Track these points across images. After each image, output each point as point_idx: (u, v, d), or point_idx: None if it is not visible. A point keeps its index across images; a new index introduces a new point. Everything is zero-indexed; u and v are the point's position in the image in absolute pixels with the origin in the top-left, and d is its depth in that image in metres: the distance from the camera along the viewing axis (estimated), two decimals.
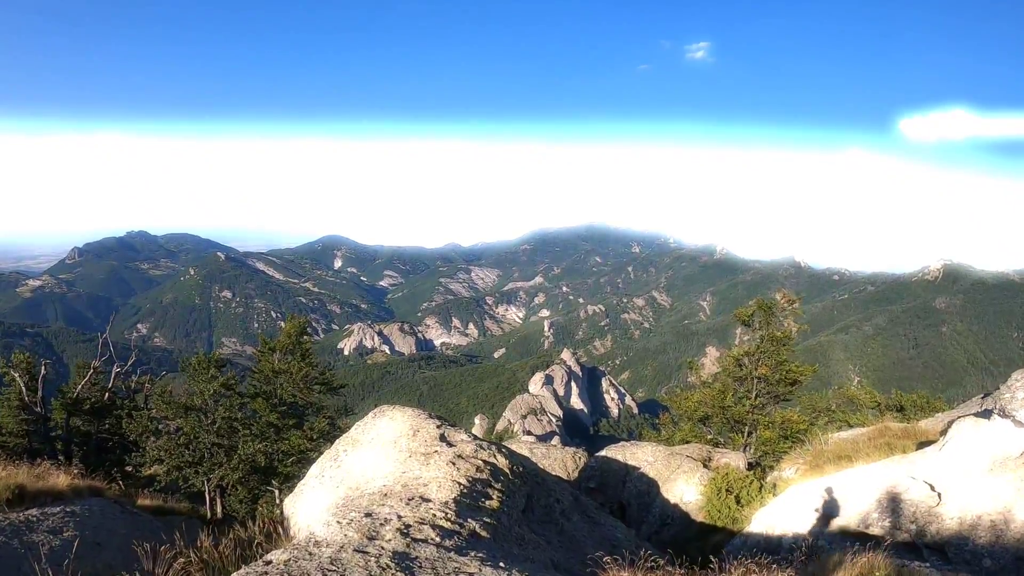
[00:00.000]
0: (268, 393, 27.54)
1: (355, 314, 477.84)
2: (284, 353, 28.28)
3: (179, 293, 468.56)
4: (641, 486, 19.56)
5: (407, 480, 8.86)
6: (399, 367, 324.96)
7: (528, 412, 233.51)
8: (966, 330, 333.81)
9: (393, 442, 10.39)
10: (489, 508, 8.30)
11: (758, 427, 28.56)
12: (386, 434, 10.80)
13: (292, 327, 28.62)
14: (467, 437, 10.77)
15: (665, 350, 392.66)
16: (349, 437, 11.63)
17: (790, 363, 28.75)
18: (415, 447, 9.99)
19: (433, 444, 10.01)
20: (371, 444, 10.79)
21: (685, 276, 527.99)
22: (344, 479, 10.25)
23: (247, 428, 26.11)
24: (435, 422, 11.08)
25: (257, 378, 28.51)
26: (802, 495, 15.30)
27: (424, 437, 10.33)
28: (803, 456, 20.71)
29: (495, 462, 10.10)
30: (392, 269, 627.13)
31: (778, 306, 29.11)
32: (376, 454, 10.32)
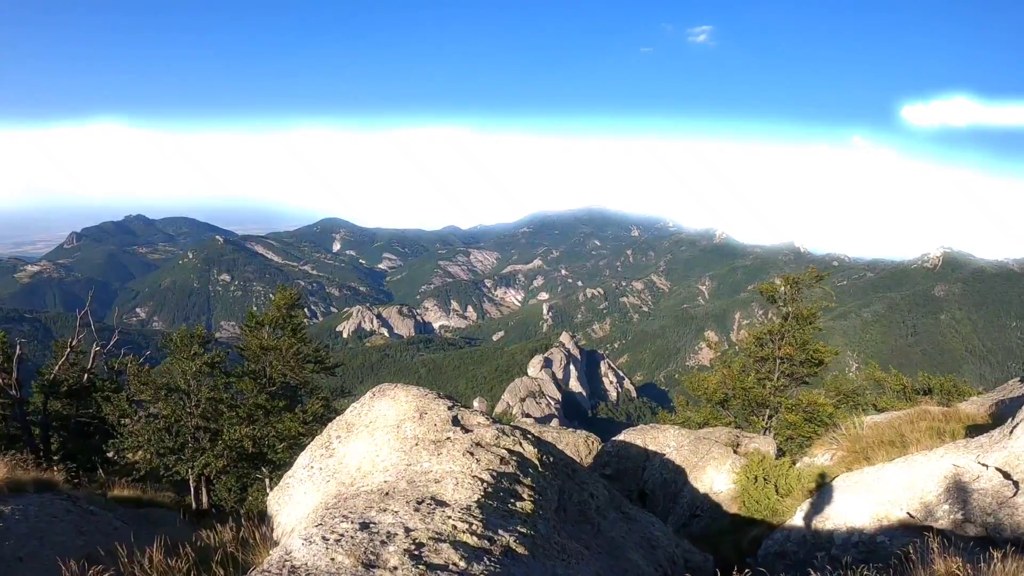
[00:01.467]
0: (256, 372, 25.55)
1: (354, 297, 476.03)
2: (273, 328, 26.27)
3: (177, 277, 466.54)
4: (666, 474, 17.84)
5: (414, 475, 7.16)
6: (398, 350, 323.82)
7: (527, 395, 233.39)
8: (964, 318, 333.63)
9: (395, 427, 8.66)
10: (522, 512, 6.55)
11: (779, 410, 26.92)
12: (387, 417, 9.07)
13: (282, 298, 26.52)
14: (485, 420, 9.01)
15: (664, 334, 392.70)
16: (343, 421, 9.89)
17: (815, 343, 27.08)
18: (423, 433, 8.25)
19: (445, 429, 8.26)
20: (369, 429, 9.06)
21: (684, 260, 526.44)
22: (336, 471, 8.54)
23: (234, 411, 23.96)
24: (446, 403, 9.31)
25: (245, 355, 26.40)
26: (852, 484, 13.64)
27: (433, 420, 8.56)
28: (836, 441, 19.07)
29: (522, 451, 8.40)
30: (391, 252, 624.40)
31: (805, 281, 27.33)
32: (375, 441, 8.59)
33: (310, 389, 27.11)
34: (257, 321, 26.58)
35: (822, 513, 13.61)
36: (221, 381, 24.89)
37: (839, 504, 13.53)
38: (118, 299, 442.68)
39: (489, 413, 44.87)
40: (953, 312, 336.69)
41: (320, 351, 27.95)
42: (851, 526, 12.89)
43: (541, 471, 8.18)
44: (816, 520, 13.57)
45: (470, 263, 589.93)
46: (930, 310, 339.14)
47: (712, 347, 31.09)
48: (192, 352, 23.98)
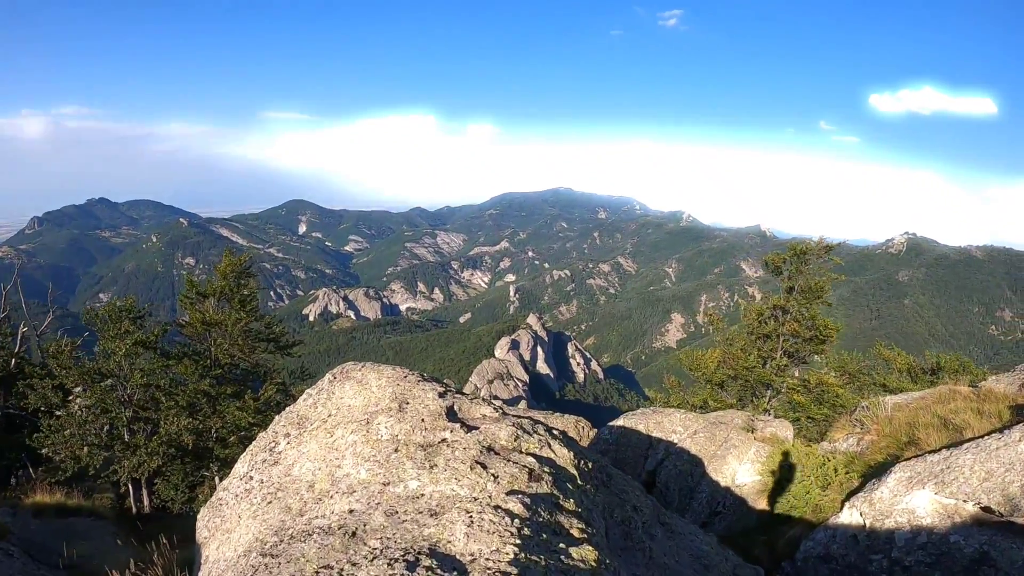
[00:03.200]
0: (199, 353, 22.22)
1: (320, 279, 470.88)
2: (219, 300, 23.05)
3: (141, 261, 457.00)
4: (681, 465, 15.43)
5: (395, 501, 4.66)
6: (364, 332, 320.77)
7: (495, 377, 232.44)
8: (928, 303, 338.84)
9: (364, 423, 6.12)
10: (583, 568, 4.04)
11: (782, 390, 24.76)
12: (352, 409, 6.56)
13: (228, 265, 23.24)
14: (493, 411, 6.48)
15: (630, 316, 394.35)
16: (294, 413, 7.32)
17: (823, 319, 24.93)
18: (405, 433, 5.71)
19: (437, 427, 5.71)
20: (327, 426, 6.52)
21: (651, 242, 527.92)
22: (282, 487, 6.02)
23: (172, 399, 20.54)
24: (434, 387, 6.70)
25: (186, 333, 23.09)
26: (914, 474, 11.43)
27: (419, 414, 6.01)
28: (860, 424, 16.97)
29: (553, 456, 5.83)
30: (358, 234, 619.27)
31: (813, 252, 25.10)
32: (336, 445, 6.08)
33: (264, 372, 23.91)
34: (199, 292, 23.28)
35: (877, 509, 11.39)
36: (158, 364, 21.44)
37: (899, 498, 11.31)
38: (81, 284, 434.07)
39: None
40: (916, 297, 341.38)
41: (273, 327, 24.79)
42: (917, 524, 10.72)
43: (581, 484, 5.75)
44: (870, 517, 11.36)
45: (437, 245, 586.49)
46: (894, 294, 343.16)
47: (714, 323, 28.42)
48: (122, 329, 20.67)
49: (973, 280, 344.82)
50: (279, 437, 7.18)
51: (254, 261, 24.67)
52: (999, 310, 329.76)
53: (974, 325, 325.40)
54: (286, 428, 7.26)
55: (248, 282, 23.84)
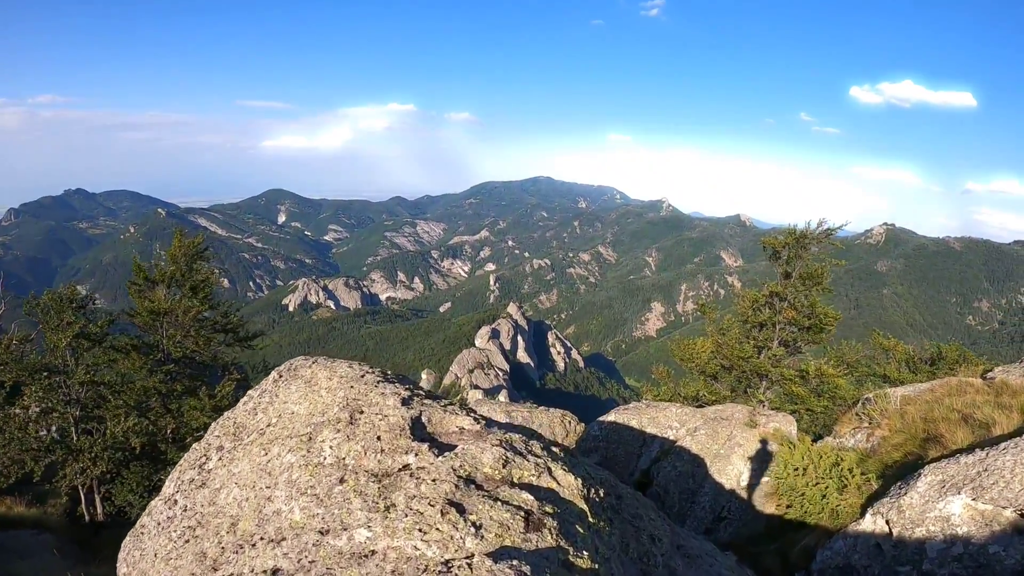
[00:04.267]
0: (149, 346, 20.21)
1: (300, 269, 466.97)
2: (169, 287, 21.14)
3: (119, 252, 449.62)
4: (681, 466, 14.09)
5: (336, 563, 3.21)
6: (344, 322, 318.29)
7: (475, 366, 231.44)
8: (906, 293, 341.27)
9: (307, 439, 4.73)
10: None
11: (777, 381, 23.50)
12: (295, 418, 5.18)
13: (180, 247, 21.30)
14: (472, 423, 5.02)
15: (611, 305, 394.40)
16: (231, 421, 5.95)
17: (823, 307, 23.69)
18: (354, 455, 4.30)
19: (398, 446, 4.26)
20: (263, 441, 5.15)
21: (631, 232, 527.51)
22: (200, 525, 4.65)
23: (120, 397, 18.71)
24: (397, 391, 5.33)
25: (138, 323, 20.81)
26: (947, 477, 10.22)
27: (375, 427, 4.59)
28: (868, 418, 15.80)
29: (555, 486, 4.47)
30: (337, 223, 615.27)
31: (812, 236, 23.79)
32: (270, 467, 4.70)
33: (223, 367, 22.24)
34: (147, 277, 21.36)
35: (907, 516, 10.16)
36: (103, 359, 19.54)
37: (931, 504, 10.11)
38: (59, 276, 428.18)
39: (436, 385, 39.44)
40: (895, 287, 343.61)
41: (231, 316, 23.10)
42: (951, 533, 9.54)
43: (594, 523, 4.36)
44: (899, 526, 10.14)
45: (417, 234, 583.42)
46: (872, 284, 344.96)
47: (706, 312, 26.86)
48: (64, 321, 18.67)
49: (951, 271, 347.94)
50: (211, 451, 5.81)
51: (208, 244, 22.92)
52: (976, 300, 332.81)
53: (951, 315, 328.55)
54: (220, 439, 5.88)
55: (202, 267, 22.15)
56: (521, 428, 5.60)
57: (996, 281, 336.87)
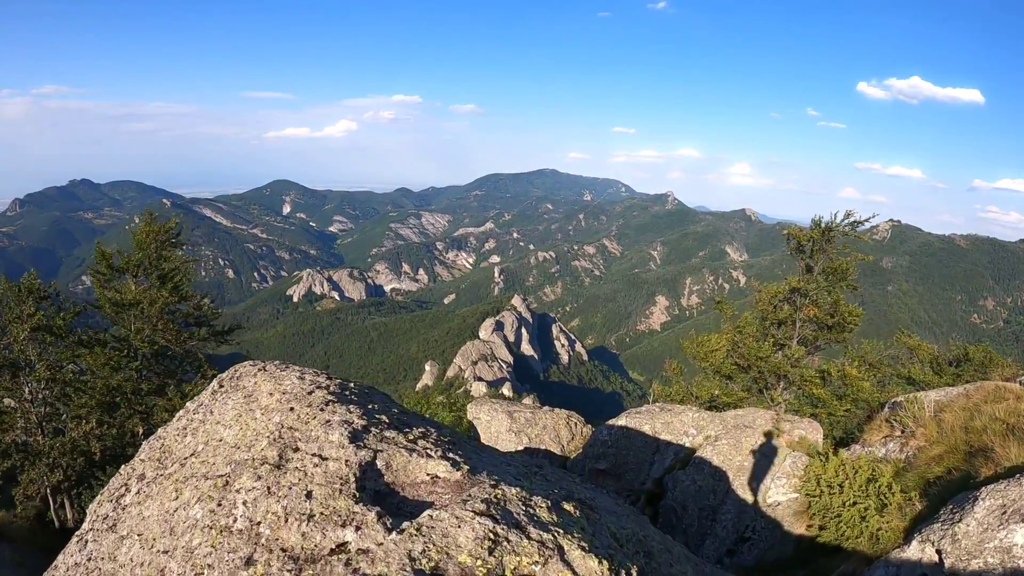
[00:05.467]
0: (119, 340, 18.67)
1: (304, 260, 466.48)
2: (137, 276, 19.61)
3: (124, 242, 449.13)
4: (701, 480, 12.74)
5: None
6: (349, 313, 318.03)
7: (479, 358, 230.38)
8: (911, 290, 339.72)
9: (223, 485, 3.46)
10: None
11: (796, 382, 22.13)
12: (220, 448, 3.95)
13: (148, 232, 19.67)
14: (449, 469, 3.57)
15: (615, 298, 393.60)
16: (158, 444, 4.79)
17: (847, 305, 22.30)
18: (272, 521, 3.01)
19: (334, 511, 2.87)
20: (179, 478, 3.91)
21: (636, 225, 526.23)
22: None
23: (84, 396, 16.93)
24: (347, 416, 4.32)
25: (107, 312, 19.18)
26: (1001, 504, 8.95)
27: (308, 475, 3.23)
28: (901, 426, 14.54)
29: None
30: (342, 214, 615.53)
31: (839, 229, 22.38)
32: (173, 523, 3.47)
33: (197, 363, 20.49)
34: (111, 265, 19.82)
35: (962, 546, 8.89)
36: (65, 355, 18.02)
37: (991, 533, 8.85)
38: (64, 267, 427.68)
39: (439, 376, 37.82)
40: (900, 284, 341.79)
41: (205, 307, 21.24)
42: (1014, 566, 8.30)
43: None
44: (952, 556, 8.87)
45: (421, 226, 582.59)
46: (878, 281, 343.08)
47: (723, 310, 25.17)
48: (24, 312, 17.20)
49: (956, 268, 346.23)
50: (132, 479, 4.60)
51: (181, 228, 21.42)
52: (982, 299, 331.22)
53: (957, 313, 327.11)
54: (144, 466, 4.67)
55: (172, 254, 20.55)
56: (522, 461, 4.35)
57: (1002, 279, 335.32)
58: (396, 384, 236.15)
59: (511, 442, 19.37)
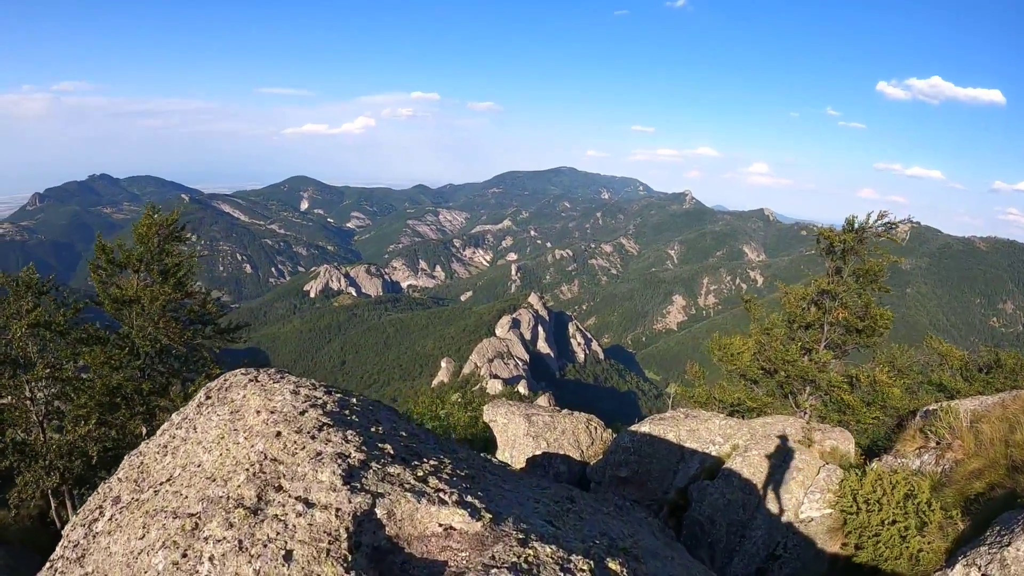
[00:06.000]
0: (122, 337, 17.92)
1: (322, 256, 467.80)
2: (138, 271, 18.96)
3: None
4: (731, 493, 12.17)
5: None
6: (365, 309, 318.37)
7: (495, 355, 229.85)
8: (930, 292, 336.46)
9: (192, 527, 2.98)
10: None
11: (823, 387, 21.45)
12: (196, 477, 3.46)
13: (149, 225, 19.19)
14: (468, 519, 3.07)
15: (632, 297, 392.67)
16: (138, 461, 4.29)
17: (879, 308, 21.60)
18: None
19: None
20: (147, 510, 3.42)
21: (654, 224, 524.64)
22: None
23: (81, 395, 16.29)
24: (343, 447, 3.67)
25: (108, 309, 18.54)
26: None
27: (289, 527, 2.73)
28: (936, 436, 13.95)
29: None
30: (359, 211, 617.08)
31: (871, 229, 21.68)
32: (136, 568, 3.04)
33: (201, 363, 19.55)
34: (111, 260, 19.21)
35: (1008, 569, 8.36)
36: (65, 353, 17.32)
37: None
38: (83, 260, 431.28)
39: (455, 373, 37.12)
40: (918, 286, 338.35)
41: (209, 304, 20.37)
42: None
43: None
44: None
45: (439, 223, 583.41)
46: (896, 283, 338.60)
47: (751, 309, 24.27)
48: (24, 308, 16.67)
49: (975, 271, 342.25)
50: (108, 501, 4.14)
51: (186, 222, 20.75)
52: (1001, 302, 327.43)
53: (975, 316, 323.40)
54: (120, 486, 4.20)
55: (175, 248, 19.85)
56: (552, 493, 3.82)
57: (1021, 283, 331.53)
58: (412, 380, 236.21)
59: (529, 446, 18.91)
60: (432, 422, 39.49)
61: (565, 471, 17.82)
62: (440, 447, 4.65)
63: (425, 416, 41.14)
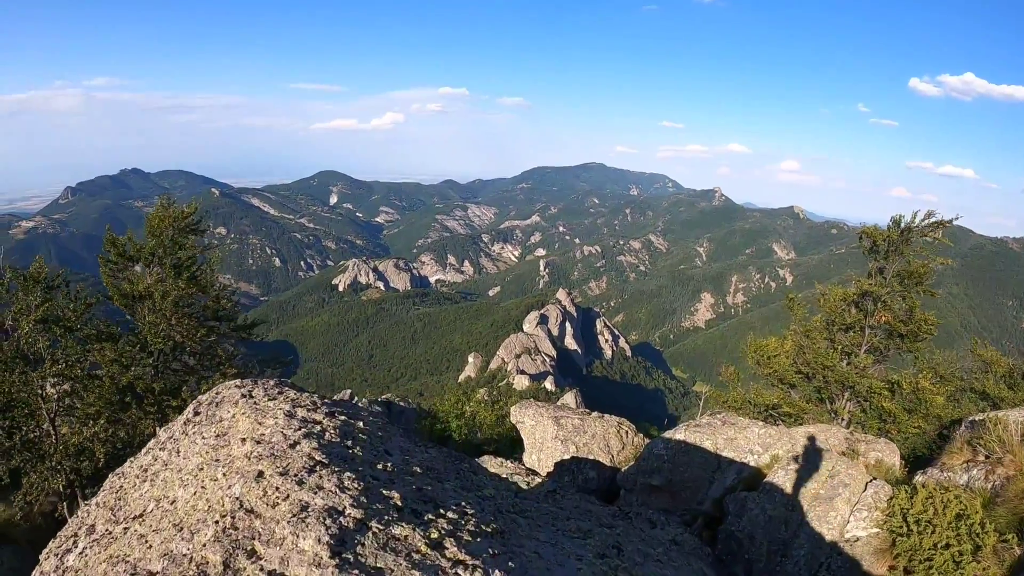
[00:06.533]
0: (133, 334, 17.00)
1: (351, 250, 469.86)
2: (149, 265, 17.92)
3: None
4: (772, 509, 11.50)
5: None
6: (393, 303, 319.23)
7: (522, 351, 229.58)
8: (961, 293, 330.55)
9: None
10: None
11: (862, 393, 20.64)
12: (167, 517, 2.97)
13: (162, 217, 18.13)
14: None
15: (660, 294, 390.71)
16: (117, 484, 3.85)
17: (923, 312, 20.80)
18: None
19: None
20: (116, 550, 2.99)
21: (683, 221, 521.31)
22: None
23: (90, 394, 15.56)
24: (337, 497, 3.02)
25: (118, 304, 17.59)
26: None
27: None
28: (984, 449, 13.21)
29: None
30: (388, 205, 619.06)
31: (918, 228, 20.91)
32: None
33: (216, 361, 18.63)
34: (122, 253, 18.10)
35: None
36: (73, 349, 16.24)
37: None
38: None
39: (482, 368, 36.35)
40: (950, 287, 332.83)
41: (224, 301, 19.21)
42: None
43: None
44: None
45: (468, 218, 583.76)
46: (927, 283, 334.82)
47: (795, 310, 23.12)
48: (33, 303, 16.00)
49: (1008, 272, 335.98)
50: (82, 532, 3.68)
51: (201, 215, 19.89)
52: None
53: (1007, 319, 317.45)
54: (96, 514, 3.75)
55: (189, 241, 18.88)
56: (597, 542, 3.26)
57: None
58: (439, 375, 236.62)
59: (557, 450, 18.39)
60: (457, 420, 39.13)
61: (594, 477, 17.28)
62: (462, 481, 4.08)
63: (451, 414, 40.77)
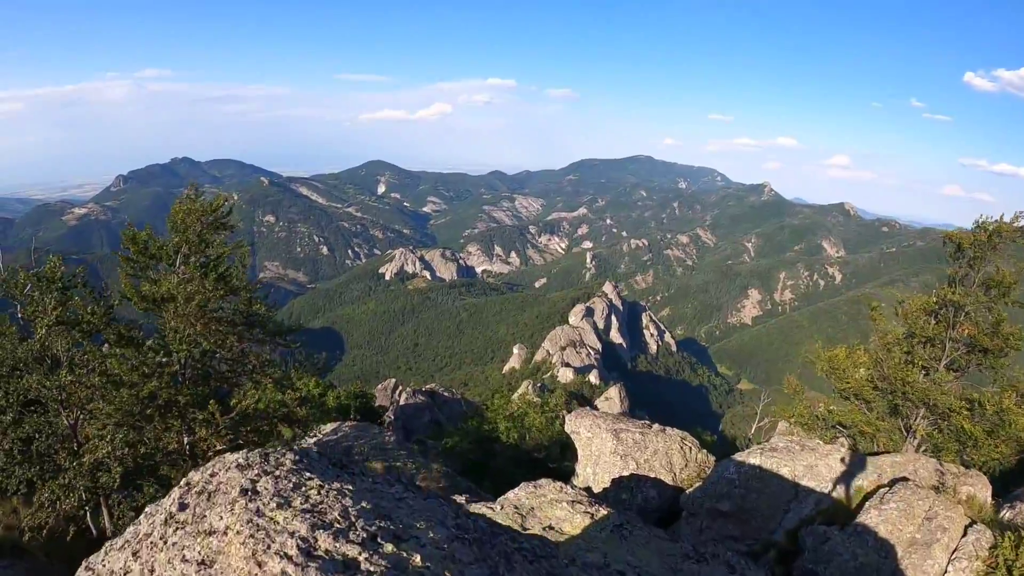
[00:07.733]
0: (160, 339, 15.71)
1: (397, 239, 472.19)
2: (172, 263, 16.35)
3: None
4: (863, 553, 10.45)
5: None
6: (439, 293, 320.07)
7: (567, 344, 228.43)
8: (1022, 296, 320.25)
9: None
10: None
11: (940, 411, 19.17)
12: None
13: (188, 212, 16.21)
14: None
15: (707, 289, 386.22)
16: None
17: (1012, 325, 19.27)
18: None
19: None
20: None
21: (731, 215, 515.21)
22: None
23: (109, 405, 14.17)
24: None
25: (138, 307, 16.16)
26: None
27: None
28: None
29: None
30: (436, 195, 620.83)
31: (1008, 233, 19.39)
32: None
33: (251, 367, 17.20)
34: (143, 251, 16.44)
35: None
36: (93, 356, 15.05)
37: None
38: None
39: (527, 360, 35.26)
40: None
41: (257, 303, 17.32)
42: None
43: None
44: None
45: (515, 209, 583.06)
46: None
47: (876, 320, 21.32)
48: (47, 305, 15.05)
49: None
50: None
51: (231, 208, 18.06)
52: None
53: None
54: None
55: (218, 238, 17.02)
56: None
57: None
58: (484, 365, 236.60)
59: (616, 466, 17.49)
60: (506, 423, 38.43)
61: (655, 496, 16.35)
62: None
63: (499, 415, 40.17)
